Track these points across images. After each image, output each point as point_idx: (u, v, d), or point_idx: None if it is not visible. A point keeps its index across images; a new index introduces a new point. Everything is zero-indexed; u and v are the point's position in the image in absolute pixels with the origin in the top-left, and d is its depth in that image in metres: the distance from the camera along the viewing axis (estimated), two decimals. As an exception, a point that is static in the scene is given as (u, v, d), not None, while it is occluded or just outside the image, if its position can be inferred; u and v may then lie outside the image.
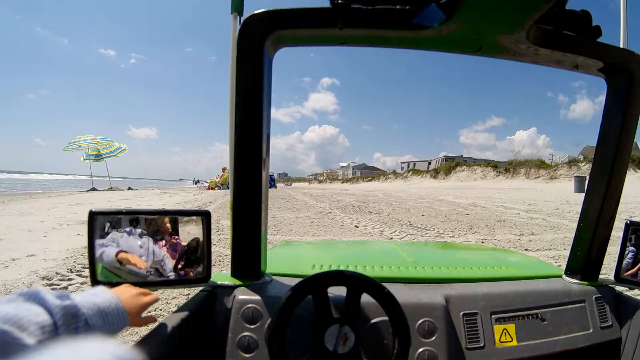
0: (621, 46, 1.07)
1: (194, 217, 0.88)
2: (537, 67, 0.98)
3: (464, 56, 0.91)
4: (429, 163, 55.59)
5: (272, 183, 37.62)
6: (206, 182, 25.88)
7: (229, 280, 0.96)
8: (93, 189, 19.58)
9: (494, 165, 30.67)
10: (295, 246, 1.80)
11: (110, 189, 20.79)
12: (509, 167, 27.94)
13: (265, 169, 0.90)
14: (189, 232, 0.88)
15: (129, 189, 22.44)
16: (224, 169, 22.19)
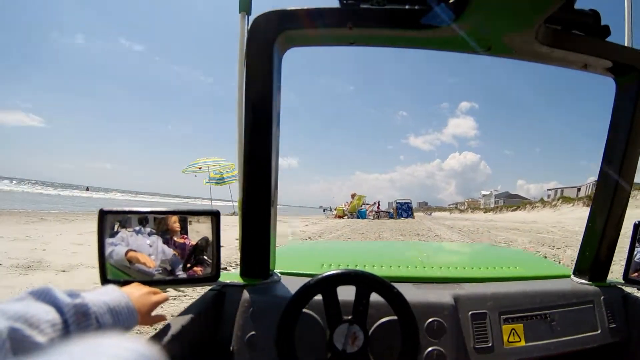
0: (626, 45, 1.07)
1: (203, 217, 0.88)
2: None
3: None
4: (578, 189, 48.71)
5: (409, 212, 31.54)
6: (334, 210, 23.07)
7: (238, 280, 0.96)
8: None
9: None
10: (303, 245, 1.80)
11: (233, 213, 19.58)
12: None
13: (274, 169, 0.90)
14: (198, 231, 0.88)
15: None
16: (353, 195, 20.34)
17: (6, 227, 7.81)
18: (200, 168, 19.50)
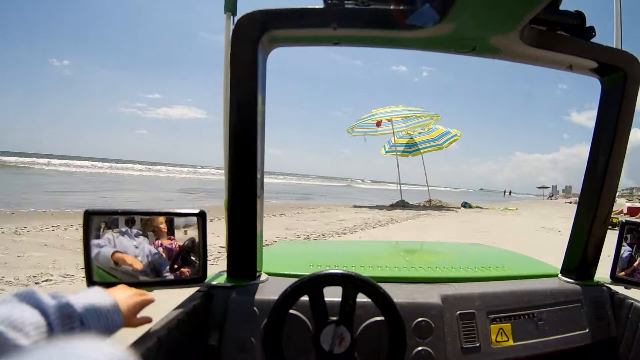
0: (615, 46, 1.07)
1: (189, 218, 0.88)
2: None
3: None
4: None
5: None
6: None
7: (225, 281, 0.96)
8: (402, 203, 12.62)
9: None
10: (291, 246, 1.79)
11: (433, 201, 13.09)
12: None
13: (260, 168, 0.90)
14: (185, 232, 0.87)
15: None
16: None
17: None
18: (378, 124, 11.70)
